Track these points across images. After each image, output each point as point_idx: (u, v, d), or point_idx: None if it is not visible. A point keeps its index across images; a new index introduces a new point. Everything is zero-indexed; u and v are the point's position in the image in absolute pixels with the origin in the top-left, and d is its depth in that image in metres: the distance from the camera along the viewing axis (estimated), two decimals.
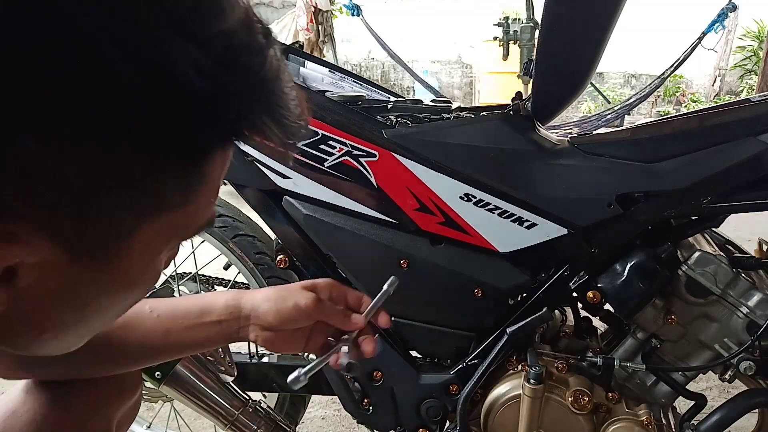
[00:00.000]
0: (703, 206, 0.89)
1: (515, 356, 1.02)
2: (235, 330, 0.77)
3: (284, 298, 0.75)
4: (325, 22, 6.09)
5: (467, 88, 9.22)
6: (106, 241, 0.37)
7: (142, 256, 0.40)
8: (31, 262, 0.35)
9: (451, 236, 0.95)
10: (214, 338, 0.77)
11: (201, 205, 0.41)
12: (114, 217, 0.36)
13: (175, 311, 0.76)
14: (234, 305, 0.76)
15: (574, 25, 0.88)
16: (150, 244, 0.40)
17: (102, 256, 0.37)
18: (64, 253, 0.36)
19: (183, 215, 0.40)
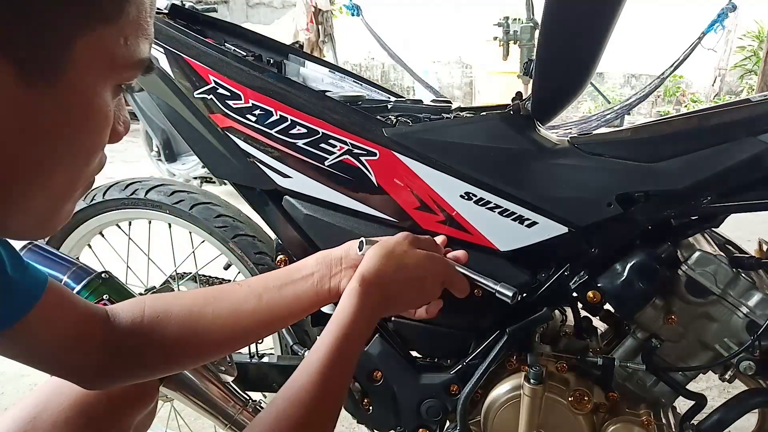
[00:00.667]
0: (703, 206, 0.89)
1: (515, 356, 1.02)
2: (326, 280, 0.78)
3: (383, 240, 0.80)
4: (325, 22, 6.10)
5: (467, 88, 9.22)
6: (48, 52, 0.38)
7: (86, 77, 0.41)
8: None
9: (451, 235, 0.95)
10: (308, 295, 0.78)
11: (131, 26, 0.42)
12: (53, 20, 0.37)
13: (266, 277, 0.79)
14: (324, 255, 0.80)
15: (574, 25, 0.88)
16: (91, 63, 0.40)
17: (48, 70, 0.38)
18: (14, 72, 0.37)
19: (116, 33, 0.41)
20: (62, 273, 1.02)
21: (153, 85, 1.03)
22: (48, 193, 0.45)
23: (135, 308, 0.73)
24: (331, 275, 0.79)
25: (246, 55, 1.11)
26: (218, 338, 0.75)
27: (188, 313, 0.73)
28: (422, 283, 0.80)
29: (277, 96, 0.95)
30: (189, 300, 0.75)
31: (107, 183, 1.38)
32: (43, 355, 0.66)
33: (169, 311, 0.73)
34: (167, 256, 1.45)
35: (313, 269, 0.79)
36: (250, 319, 0.76)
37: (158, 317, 0.72)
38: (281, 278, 0.78)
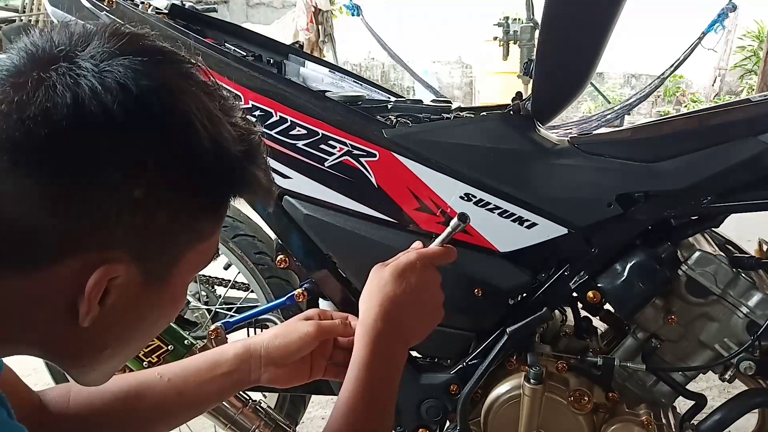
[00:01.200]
0: (703, 206, 0.90)
1: (515, 356, 1.02)
2: (247, 376, 0.79)
3: (289, 332, 0.80)
4: (325, 22, 6.10)
5: (467, 88, 9.22)
6: (168, 266, 0.51)
7: (182, 278, 0.54)
8: (119, 283, 0.47)
9: None
10: (228, 389, 0.80)
11: (216, 240, 0.55)
12: (176, 245, 0.50)
13: (185, 371, 0.79)
14: (244, 352, 0.80)
15: (574, 25, 0.88)
16: (188, 269, 0.53)
17: (163, 277, 0.51)
18: (141, 276, 0.49)
19: (207, 246, 0.54)
20: None
21: None
22: (126, 355, 0.56)
23: (61, 396, 0.73)
24: (251, 371, 0.79)
25: (246, 55, 1.11)
26: (141, 429, 0.77)
27: (110, 406, 0.74)
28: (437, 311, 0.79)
29: (277, 97, 0.95)
30: (110, 393, 0.75)
31: None
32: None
33: (91, 403, 0.74)
34: None
35: (232, 367, 0.78)
36: (172, 413, 0.78)
37: (81, 408, 0.73)
38: (201, 374, 0.78)
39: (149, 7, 1.11)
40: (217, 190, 0.51)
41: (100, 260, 0.45)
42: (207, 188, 0.49)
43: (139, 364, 1.04)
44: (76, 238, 0.45)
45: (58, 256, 0.45)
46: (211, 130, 0.48)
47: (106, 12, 1.01)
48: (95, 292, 0.46)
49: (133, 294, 0.49)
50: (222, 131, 0.48)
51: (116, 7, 1.01)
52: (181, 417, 0.80)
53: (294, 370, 0.81)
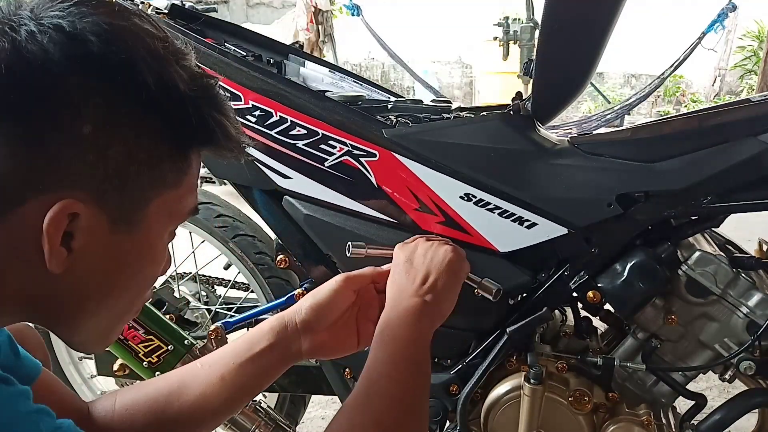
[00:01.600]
0: (703, 206, 0.90)
1: (515, 356, 1.02)
2: (287, 349, 0.77)
3: (318, 291, 0.79)
4: (325, 22, 6.09)
5: (467, 88, 9.21)
6: (133, 210, 0.51)
7: (154, 227, 0.53)
8: (84, 225, 0.48)
9: (451, 236, 0.95)
10: (271, 366, 0.77)
11: (186, 190, 0.55)
12: (138, 188, 0.50)
13: (223, 355, 0.77)
14: (279, 324, 0.78)
15: (574, 25, 0.88)
16: (158, 217, 0.53)
17: (131, 222, 0.51)
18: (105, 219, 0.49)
19: (176, 196, 0.54)
20: None
21: None
22: (112, 313, 0.56)
23: (107, 403, 0.74)
24: (291, 343, 0.77)
25: (246, 55, 1.11)
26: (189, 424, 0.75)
27: (154, 403, 0.73)
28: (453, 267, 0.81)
29: (277, 97, 0.96)
30: (154, 391, 0.74)
31: None
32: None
33: (136, 403, 0.73)
34: None
35: (269, 341, 0.76)
36: (217, 401, 0.75)
37: (126, 410, 0.73)
38: (240, 353, 0.76)
39: (149, 7, 1.11)
40: (172, 132, 0.51)
41: (57, 199, 0.46)
42: (160, 128, 0.50)
43: (139, 363, 1.05)
44: (32, 180, 0.46)
45: (18, 198, 0.47)
46: (155, 66, 0.48)
47: None
48: (53, 230, 0.46)
49: (101, 239, 0.50)
50: (168, 69, 0.49)
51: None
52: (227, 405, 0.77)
53: (337, 335, 0.78)
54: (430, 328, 0.75)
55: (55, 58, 0.45)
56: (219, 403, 0.75)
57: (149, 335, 1.05)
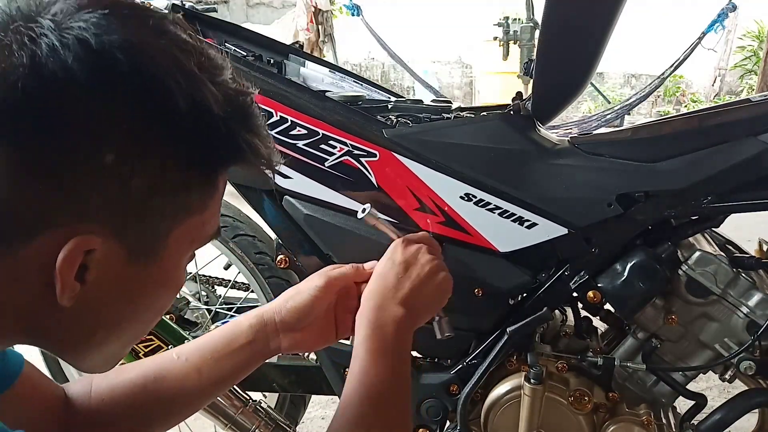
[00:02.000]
0: (703, 206, 0.90)
1: (515, 356, 1.02)
2: (265, 346, 0.77)
3: (299, 291, 0.78)
4: (325, 22, 6.10)
5: (467, 88, 9.21)
6: (153, 241, 0.47)
7: (173, 256, 0.50)
8: (99, 258, 0.44)
9: (451, 236, 0.95)
10: (248, 361, 0.77)
11: (210, 214, 0.51)
12: (160, 219, 0.47)
13: (202, 349, 0.76)
14: (258, 321, 0.77)
15: (574, 25, 0.88)
16: (179, 246, 0.50)
17: (150, 254, 0.48)
18: (123, 252, 0.46)
19: (200, 222, 0.50)
20: None
21: None
22: (122, 341, 0.54)
23: (82, 389, 0.73)
24: (269, 340, 0.77)
25: (246, 55, 1.11)
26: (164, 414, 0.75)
27: (131, 394, 0.73)
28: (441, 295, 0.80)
29: (277, 97, 0.95)
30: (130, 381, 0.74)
31: None
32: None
33: (113, 391, 0.73)
34: None
35: (248, 338, 0.76)
36: (194, 393, 0.75)
37: (103, 400, 0.72)
38: (218, 348, 0.76)
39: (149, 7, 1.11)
40: (201, 157, 0.46)
41: (72, 233, 0.42)
42: (188, 154, 0.45)
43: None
44: (46, 212, 0.42)
45: (30, 233, 0.43)
46: (187, 88, 0.43)
47: None
48: (66, 266, 0.43)
49: (117, 272, 0.46)
50: (202, 90, 0.44)
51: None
52: (202, 397, 0.78)
53: (317, 331, 0.78)
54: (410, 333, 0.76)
55: (77, 79, 0.40)
56: (196, 394, 0.76)
57: (149, 335, 1.05)
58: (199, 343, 0.77)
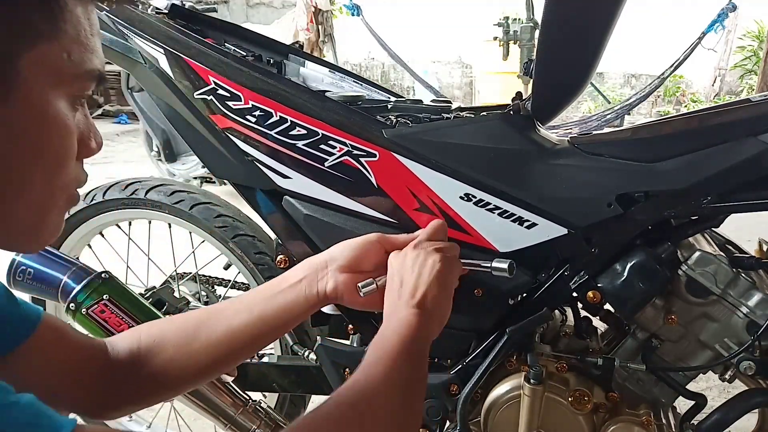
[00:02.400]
0: (703, 206, 0.89)
1: (515, 356, 1.02)
2: (314, 285, 0.80)
3: (353, 239, 0.84)
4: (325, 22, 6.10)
5: (467, 88, 9.22)
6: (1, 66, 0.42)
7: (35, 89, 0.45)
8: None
9: (451, 236, 0.95)
10: (295, 301, 0.80)
11: (70, 42, 0.47)
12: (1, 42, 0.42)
13: (255, 291, 0.82)
14: (309, 262, 0.83)
15: (574, 25, 0.88)
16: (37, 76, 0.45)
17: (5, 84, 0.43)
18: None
19: (57, 49, 0.46)
20: (62, 273, 1.02)
21: (153, 85, 1.03)
22: (28, 203, 0.49)
23: (132, 338, 0.75)
24: (318, 279, 0.80)
25: (246, 55, 1.11)
26: (214, 357, 0.77)
27: (183, 335, 0.75)
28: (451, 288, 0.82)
29: (277, 97, 0.95)
30: (181, 323, 0.77)
31: (107, 183, 1.38)
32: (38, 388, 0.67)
33: (163, 336, 0.75)
34: (167, 256, 1.45)
35: (299, 276, 0.81)
36: (244, 334, 0.77)
37: (154, 342, 0.74)
38: (270, 289, 0.80)
39: (149, 8, 1.11)
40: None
41: None
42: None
43: None
44: None
45: None
46: None
47: (106, 12, 1.01)
48: None
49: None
50: None
51: (116, 7, 1.01)
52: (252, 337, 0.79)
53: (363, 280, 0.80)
54: (427, 338, 0.75)
55: None
56: (245, 336, 0.78)
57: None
58: (253, 289, 0.83)
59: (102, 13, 1.01)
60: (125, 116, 7.58)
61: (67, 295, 1.01)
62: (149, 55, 1.00)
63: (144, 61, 1.01)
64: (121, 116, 7.66)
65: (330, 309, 1.06)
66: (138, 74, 1.05)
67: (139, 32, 1.00)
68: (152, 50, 0.99)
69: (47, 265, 1.04)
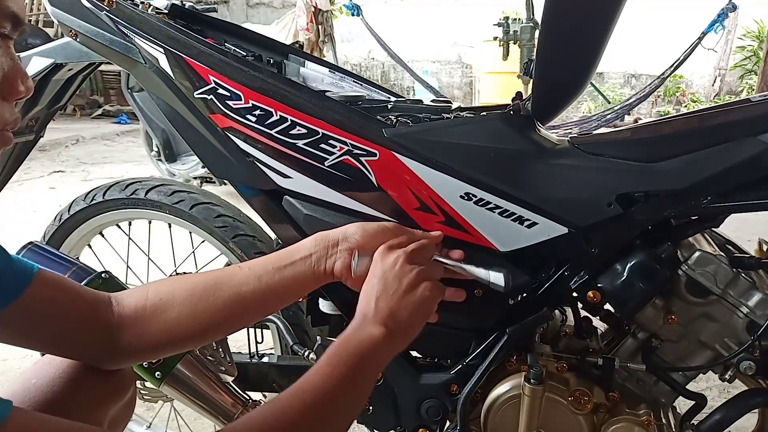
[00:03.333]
0: (703, 206, 0.89)
1: (515, 356, 1.02)
2: (323, 261, 0.81)
3: (369, 222, 0.85)
4: (325, 22, 6.10)
5: (467, 88, 9.22)
6: None
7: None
8: None
9: (451, 235, 0.95)
10: (305, 275, 0.81)
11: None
12: None
13: (266, 259, 0.82)
14: (322, 236, 0.83)
15: (574, 25, 0.88)
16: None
17: None
18: None
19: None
20: (62, 273, 1.02)
21: (153, 85, 1.03)
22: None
23: (139, 294, 0.78)
24: (328, 256, 0.81)
25: (246, 55, 1.11)
26: (219, 321, 0.79)
27: (190, 296, 0.77)
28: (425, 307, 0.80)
29: (277, 96, 0.95)
30: (191, 284, 0.79)
31: (107, 183, 1.38)
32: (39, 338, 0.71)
33: (172, 294, 0.77)
34: (167, 256, 1.45)
35: (310, 250, 0.82)
36: (250, 299, 0.79)
37: (161, 299, 0.77)
38: (280, 260, 0.81)
39: (149, 7, 1.11)
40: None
41: None
42: None
43: (140, 365, 1.04)
44: None
45: None
46: None
47: (106, 12, 1.01)
48: None
49: None
50: None
51: (116, 7, 1.01)
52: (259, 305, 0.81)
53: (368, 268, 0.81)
54: (386, 359, 0.76)
55: None
56: (251, 302, 0.79)
57: None
58: (265, 257, 0.83)
59: (102, 13, 1.01)
60: (125, 116, 7.59)
61: None
62: (149, 55, 1.00)
63: (144, 61, 1.01)
64: (121, 116, 7.66)
65: (330, 309, 1.06)
66: (138, 74, 1.05)
67: (139, 32, 1.00)
68: (152, 50, 0.99)
69: (47, 265, 1.04)
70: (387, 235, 0.83)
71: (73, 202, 1.38)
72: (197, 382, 1.07)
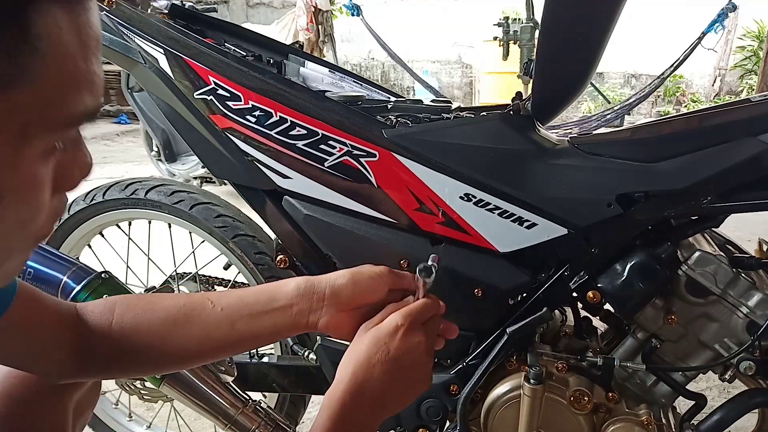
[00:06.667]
0: (703, 206, 0.89)
1: (515, 356, 1.02)
2: (305, 316, 0.72)
3: (359, 272, 0.74)
4: (325, 22, 6.10)
5: (467, 88, 9.22)
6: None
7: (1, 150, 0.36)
8: None
9: (451, 236, 0.95)
10: (284, 326, 0.73)
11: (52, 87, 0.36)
12: None
13: (240, 302, 0.73)
14: (306, 286, 0.73)
15: (574, 25, 0.88)
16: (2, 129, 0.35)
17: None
18: None
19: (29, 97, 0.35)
20: (62, 273, 1.02)
21: (153, 85, 1.03)
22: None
23: (104, 314, 0.71)
24: (312, 310, 0.73)
25: (246, 55, 1.11)
26: (186, 357, 0.74)
27: (157, 331, 0.71)
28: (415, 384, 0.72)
29: (277, 97, 0.95)
30: (158, 318, 0.72)
31: (107, 183, 1.38)
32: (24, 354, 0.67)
33: (137, 327, 0.71)
34: (167, 256, 1.45)
35: (292, 300, 0.72)
36: (220, 344, 0.73)
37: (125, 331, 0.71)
38: (258, 305, 0.73)
39: (149, 7, 1.11)
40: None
41: None
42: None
43: None
44: None
45: None
46: None
47: (105, 12, 1.01)
48: None
49: None
50: None
51: (116, 7, 1.01)
52: (230, 349, 0.75)
53: (360, 319, 0.73)
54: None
55: None
56: (223, 345, 0.73)
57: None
58: (240, 294, 0.74)
59: (102, 13, 1.01)
60: (125, 116, 7.59)
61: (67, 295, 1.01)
62: (149, 55, 1.00)
63: (144, 61, 1.01)
64: (121, 116, 7.66)
65: None
66: (138, 74, 1.05)
67: (139, 32, 1.00)
68: (152, 50, 0.99)
69: (47, 265, 1.04)
70: (379, 285, 0.73)
71: (72, 202, 1.38)
72: (197, 382, 1.07)
